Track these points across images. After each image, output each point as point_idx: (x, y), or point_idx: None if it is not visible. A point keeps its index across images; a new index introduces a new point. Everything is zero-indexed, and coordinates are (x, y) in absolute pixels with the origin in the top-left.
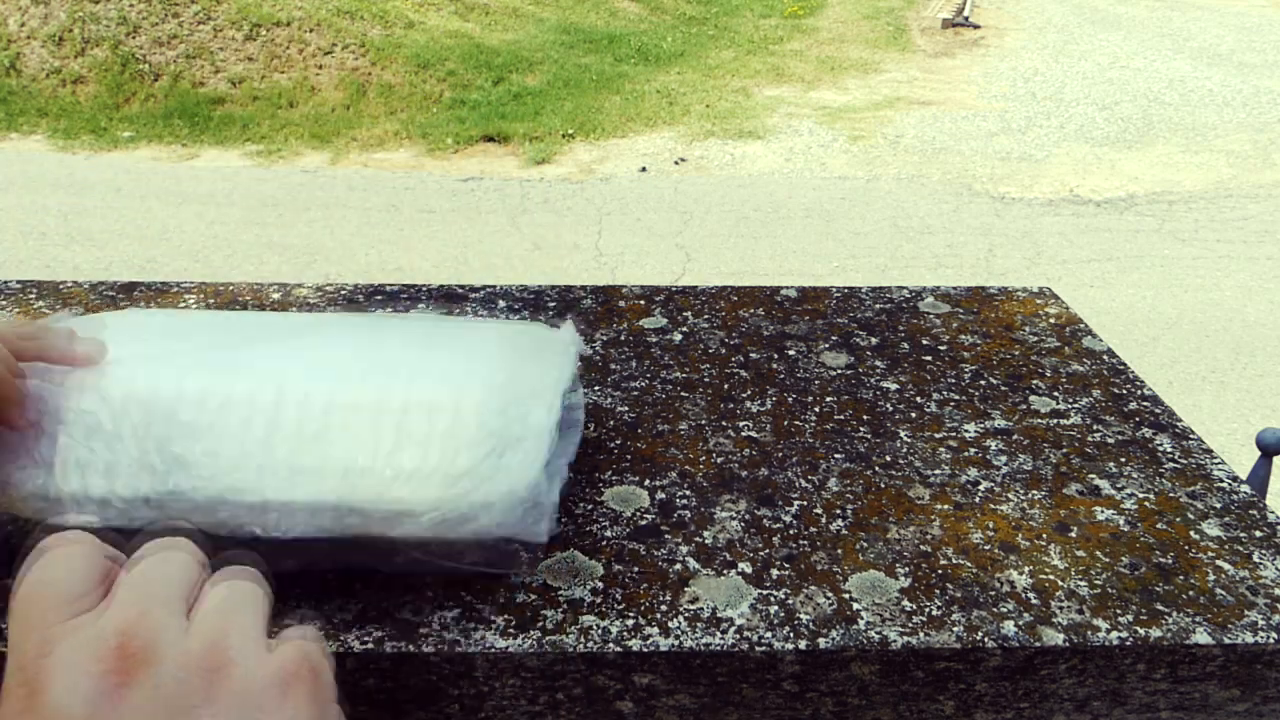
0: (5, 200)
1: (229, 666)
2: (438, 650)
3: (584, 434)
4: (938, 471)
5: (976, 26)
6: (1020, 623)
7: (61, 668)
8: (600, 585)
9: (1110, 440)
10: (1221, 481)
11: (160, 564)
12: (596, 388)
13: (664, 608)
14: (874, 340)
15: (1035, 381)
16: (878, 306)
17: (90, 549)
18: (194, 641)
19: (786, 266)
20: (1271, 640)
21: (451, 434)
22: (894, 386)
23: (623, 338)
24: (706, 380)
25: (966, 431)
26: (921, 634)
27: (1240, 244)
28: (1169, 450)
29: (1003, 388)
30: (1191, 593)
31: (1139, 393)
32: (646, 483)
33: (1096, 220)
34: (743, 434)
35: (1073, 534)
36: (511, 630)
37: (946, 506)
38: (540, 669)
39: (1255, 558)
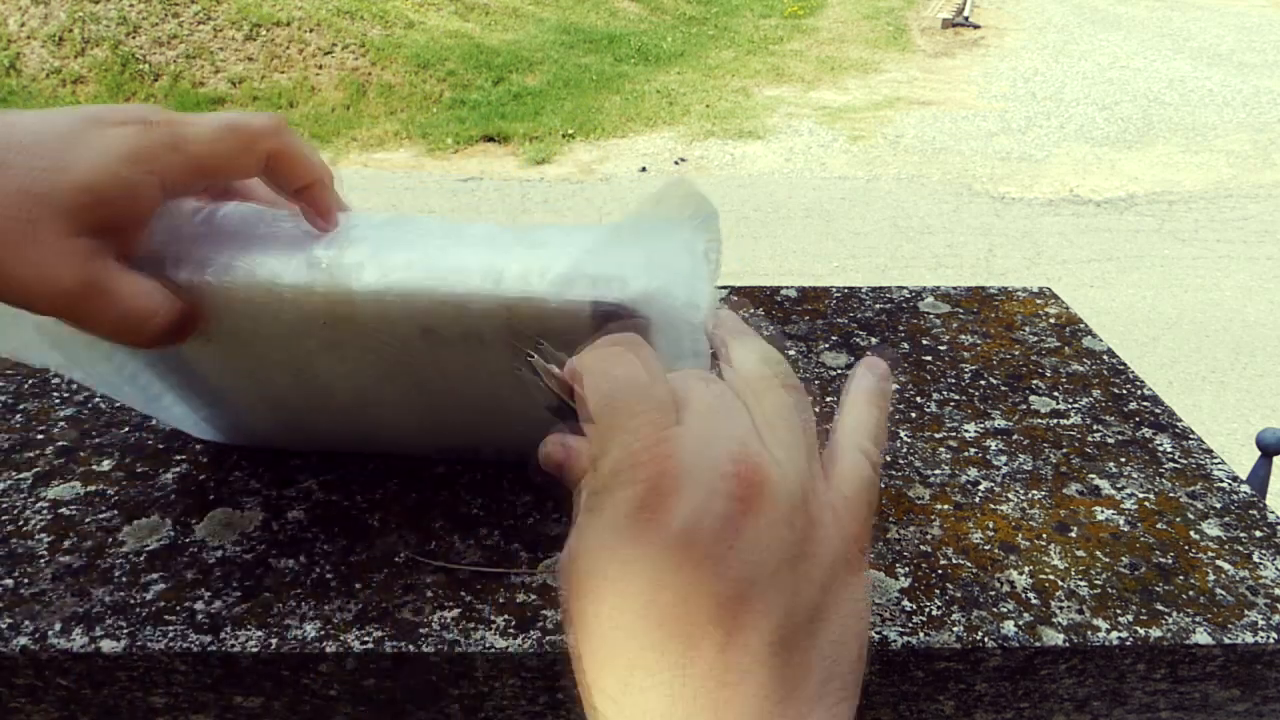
0: None
1: (815, 525)
2: (438, 650)
3: None
4: (938, 471)
5: (976, 26)
6: (1020, 623)
7: (692, 481)
8: None
9: (1110, 440)
10: (1221, 481)
11: (720, 390)
12: None
13: None
14: (874, 340)
15: (1035, 381)
16: (878, 306)
17: (654, 354)
18: (791, 483)
19: (786, 266)
20: (1271, 640)
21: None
22: (894, 386)
23: None
24: None
25: (966, 431)
26: (921, 634)
27: (1240, 244)
28: (1169, 450)
29: (1003, 388)
30: (1191, 593)
31: (1139, 393)
32: None
33: (1096, 220)
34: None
35: (1073, 534)
36: (511, 630)
37: (946, 506)
38: (540, 669)
39: (1255, 558)
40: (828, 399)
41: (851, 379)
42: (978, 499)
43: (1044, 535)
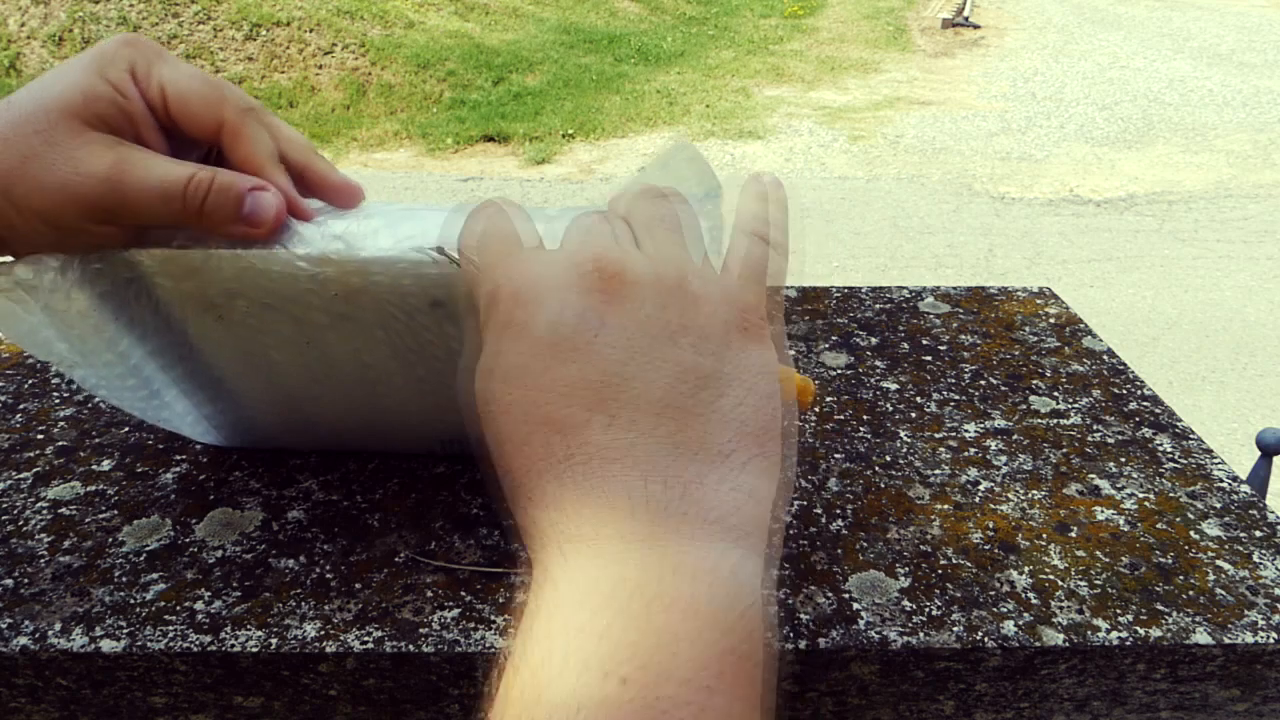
0: None
1: (697, 301)
2: (438, 650)
3: None
4: (938, 471)
5: (976, 26)
6: (1020, 623)
7: (549, 286)
8: None
9: (1110, 440)
10: (1221, 481)
11: (590, 218)
12: None
13: None
14: (874, 340)
15: (1035, 381)
16: (878, 306)
17: (519, 209)
18: (660, 269)
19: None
20: (1271, 640)
21: None
22: (894, 386)
23: None
24: None
25: (966, 431)
26: (921, 634)
27: (1240, 244)
28: (1169, 450)
29: (1003, 388)
30: (1191, 593)
31: (1139, 393)
32: None
33: (1096, 220)
34: None
35: (1073, 534)
36: (511, 630)
37: (946, 506)
38: None
39: (1255, 558)
40: (827, 399)
41: (742, 190)
42: (978, 499)
43: (1044, 535)
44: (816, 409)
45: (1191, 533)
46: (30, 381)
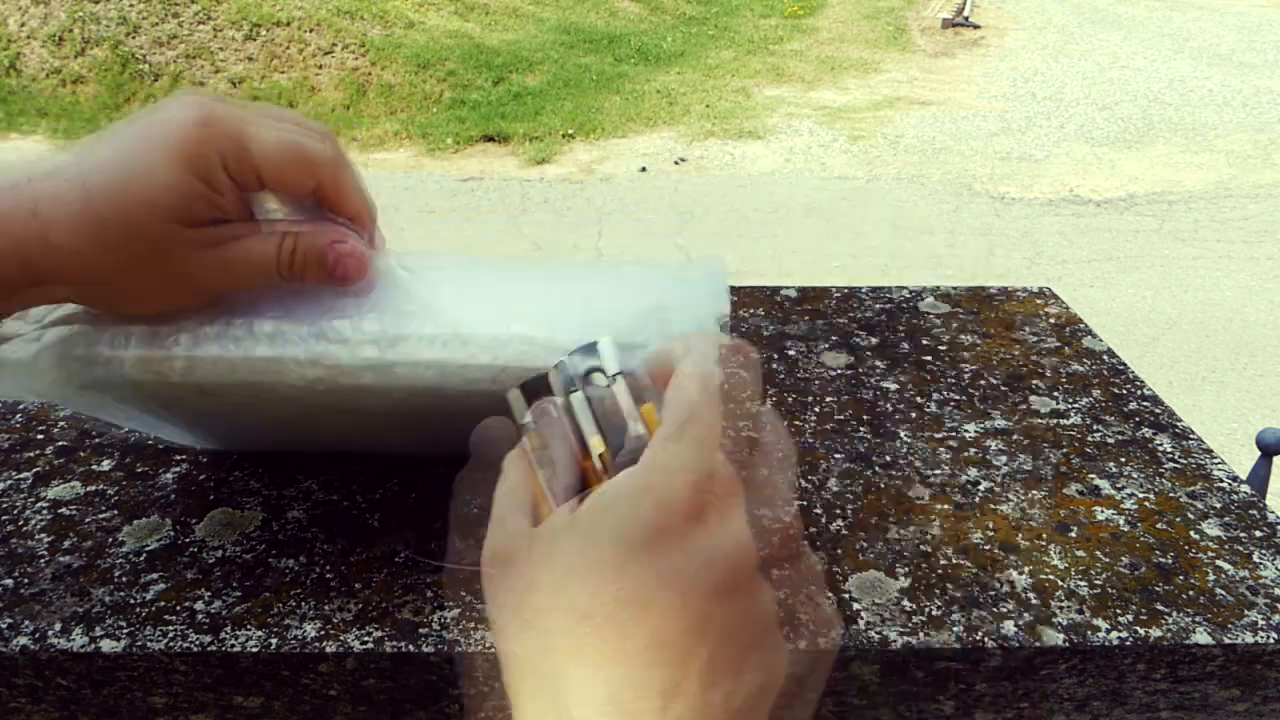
0: None
1: (801, 553)
2: (438, 650)
3: None
4: (938, 471)
5: (976, 26)
6: (1020, 623)
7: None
8: None
9: (1110, 440)
10: (1221, 481)
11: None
12: None
13: None
14: (874, 340)
15: (1035, 381)
16: (878, 306)
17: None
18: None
19: (786, 267)
20: (1271, 640)
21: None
22: (894, 386)
23: None
24: None
25: (966, 431)
26: (921, 634)
27: (1240, 244)
28: (1169, 450)
29: (1003, 388)
30: (1191, 593)
31: (1139, 393)
32: None
33: (1096, 220)
34: (742, 434)
35: (1073, 534)
36: None
37: (946, 506)
38: None
39: (1255, 558)
40: (827, 399)
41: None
42: (978, 499)
43: (1044, 535)
44: (816, 409)
45: (1191, 533)
46: None
